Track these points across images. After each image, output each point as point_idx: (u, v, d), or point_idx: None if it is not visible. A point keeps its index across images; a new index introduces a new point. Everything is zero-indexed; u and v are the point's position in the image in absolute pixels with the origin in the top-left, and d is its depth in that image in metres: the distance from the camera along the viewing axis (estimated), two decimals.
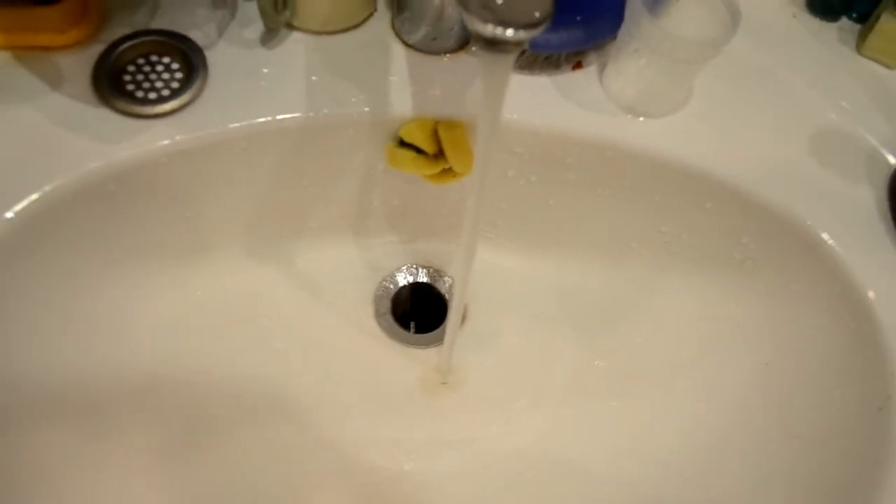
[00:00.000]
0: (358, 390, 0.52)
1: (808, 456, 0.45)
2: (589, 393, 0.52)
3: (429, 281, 0.56)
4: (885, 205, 0.46)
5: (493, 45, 0.34)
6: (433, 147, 0.47)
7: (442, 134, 0.46)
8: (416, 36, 0.47)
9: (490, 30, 0.33)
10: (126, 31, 0.45)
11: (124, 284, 0.47)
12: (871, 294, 0.44)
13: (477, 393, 0.52)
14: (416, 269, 0.56)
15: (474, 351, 0.53)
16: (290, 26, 0.47)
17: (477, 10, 0.32)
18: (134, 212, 0.45)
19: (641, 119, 0.48)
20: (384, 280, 0.55)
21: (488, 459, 0.50)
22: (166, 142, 0.43)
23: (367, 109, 0.46)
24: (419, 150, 0.47)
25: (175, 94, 0.44)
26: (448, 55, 0.48)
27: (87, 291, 0.45)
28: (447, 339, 0.50)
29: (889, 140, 0.49)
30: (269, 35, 0.47)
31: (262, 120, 0.45)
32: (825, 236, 0.46)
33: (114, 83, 0.44)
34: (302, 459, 0.49)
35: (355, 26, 0.48)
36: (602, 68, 0.49)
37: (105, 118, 0.43)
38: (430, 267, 0.56)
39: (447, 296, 0.55)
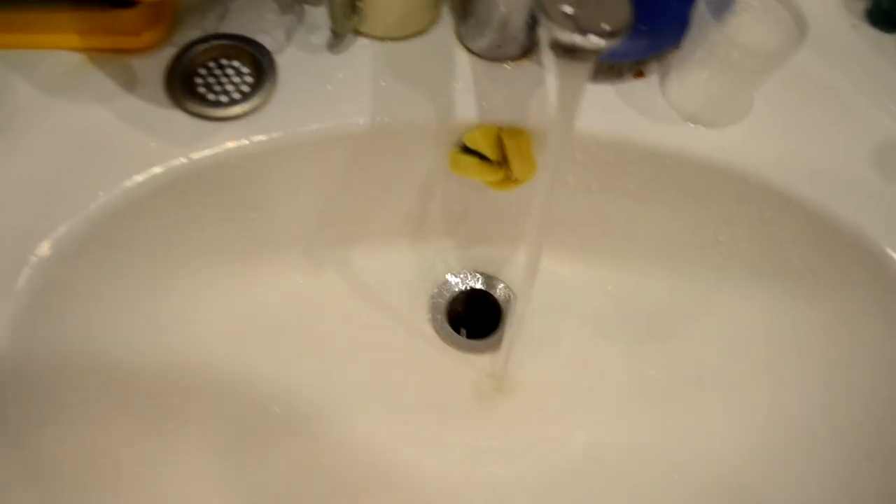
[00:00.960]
0: (412, 394, 0.52)
1: (870, 470, 0.45)
2: (642, 403, 0.52)
3: (484, 287, 0.56)
4: None
5: (572, 52, 0.34)
6: (496, 154, 0.47)
7: (506, 141, 0.46)
8: (481, 43, 0.48)
9: (570, 37, 0.33)
10: (197, 34, 0.46)
11: (191, 283, 0.48)
12: None
13: (531, 400, 0.52)
14: (472, 274, 0.56)
15: (529, 358, 0.53)
16: (357, 32, 0.48)
17: (558, 17, 0.33)
18: (203, 212, 0.45)
19: (703, 128, 0.48)
20: (440, 285, 0.55)
21: (542, 468, 0.50)
22: (237, 144, 0.44)
23: (432, 115, 0.46)
24: (482, 157, 0.47)
25: (245, 97, 0.44)
26: (511, 63, 0.48)
27: (157, 288, 0.46)
28: (504, 345, 0.50)
29: None
30: (337, 41, 0.47)
31: (330, 125, 0.45)
32: (889, 251, 0.46)
33: (186, 85, 0.44)
34: (355, 462, 0.50)
35: (420, 33, 0.48)
36: (663, 77, 0.49)
37: (177, 120, 0.44)
38: (486, 273, 0.56)
39: (501, 302, 0.56)
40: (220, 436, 0.47)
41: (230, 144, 0.44)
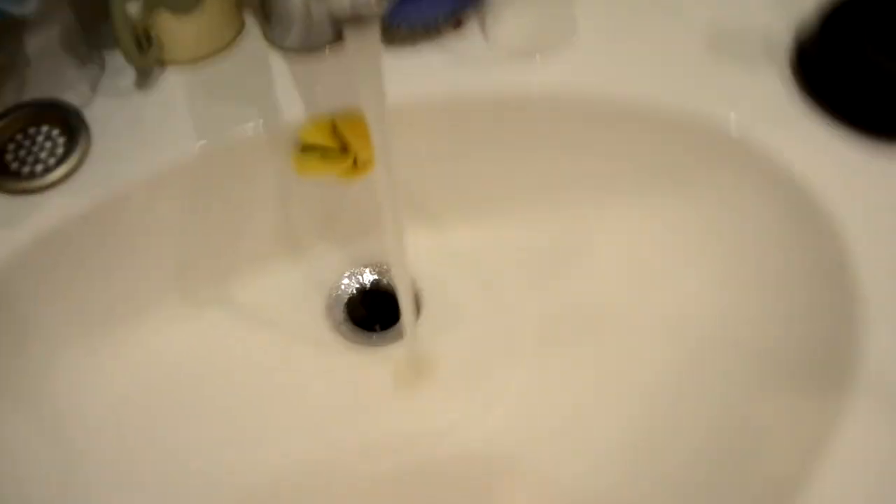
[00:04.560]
0: (336, 403, 0.51)
1: (779, 338, 0.45)
2: (560, 343, 0.52)
3: (377, 278, 0.55)
4: (791, 80, 0.46)
5: (356, 20, 0.33)
6: (336, 142, 0.46)
7: (340, 125, 0.45)
8: (290, 39, 0.46)
9: (344, 3, 0.32)
10: None
11: (66, 362, 0.46)
12: (796, 163, 0.44)
13: (452, 375, 0.51)
14: (360, 271, 0.55)
15: (439, 335, 0.52)
16: (161, 62, 0.46)
17: None
18: (56, 284, 0.44)
19: (534, 61, 0.47)
20: (331, 290, 0.54)
21: (482, 433, 0.49)
22: (66, 210, 0.42)
23: (260, 124, 0.45)
24: (324, 151, 0.46)
25: (62, 160, 0.43)
26: (328, 48, 0.47)
27: (31, 375, 0.44)
28: (407, 330, 0.49)
29: (779, 21, 0.49)
30: (142, 77, 0.45)
31: (158, 163, 0.44)
32: (733, 120, 0.45)
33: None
34: (296, 484, 0.48)
35: (227, 46, 0.47)
36: (482, 23, 0.48)
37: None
38: (373, 265, 0.55)
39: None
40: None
41: (59, 212, 0.42)
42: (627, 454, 0.47)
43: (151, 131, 0.44)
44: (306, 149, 0.46)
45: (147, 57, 0.44)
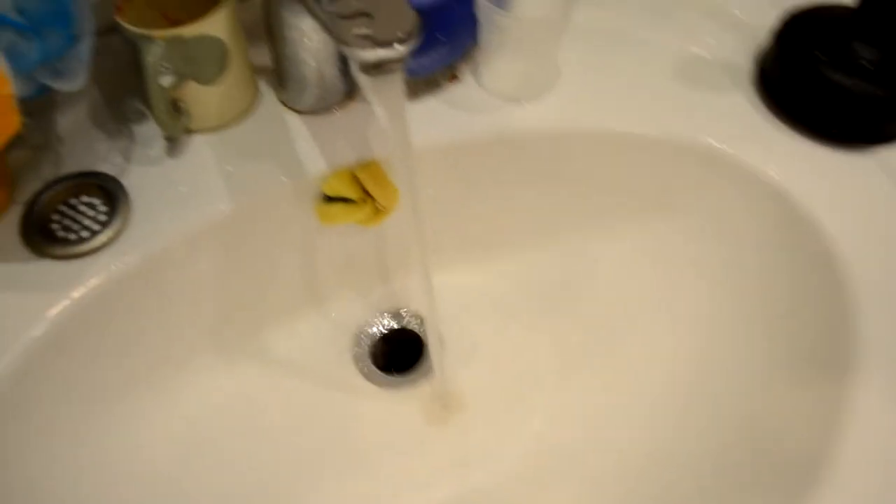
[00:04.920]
0: (370, 447, 0.53)
1: (783, 333, 0.49)
2: (581, 365, 0.55)
3: (397, 323, 0.58)
4: (757, 100, 0.52)
5: (380, 68, 0.37)
6: (357, 192, 0.50)
7: (360, 176, 0.49)
8: (305, 101, 0.51)
9: (374, 54, 0.36)
10: (39, 185, 0.47)
11: (107, 425, 0.48)
12: (772, 173, 0.49)
13: (480, 406, 0.54)
14: (382, 315, 0.58)
15: (462, 370, 0.55)
16: (189, 131, 0.50)
17: (356, 42, 0.36)
18: (102, 344, 0.46)
19: (525, 105, 0.52)
20: (356, 337, 0.57)
21: (520, 458, 0.52)
22: (114, 269, 0.44)
23: (285, 180, 0.49)
24: (346, 200, 0.50)
25: (105, 225, 0.46)
26: (337, 109, 0.51)
27: (71, 435, 0.46)
28: (435, 367, 0.52)
29: (740, 48, 0.55)
30: (173, 145, 0.49)
31: (195, 222, 0.47)
32: (712, 141, 0.51)
33: (44, 235, 0.45)
34: None
35: (246, 111, 0.51)
36: (475, 73, 0.53)
37: (46, 269, 0.44)
38: (394, 310, 0.58)
39: (419, 331, 0.58)
40: None
41: (105, 273, 0.44)
42: (655, 462, 0.50)
43: (186, 193, 0.47)
44: (328, 200, 0.50)
45: (178, 125, 0.48)
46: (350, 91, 0.51)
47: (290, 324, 0.55)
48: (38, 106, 0.50)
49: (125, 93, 0.51)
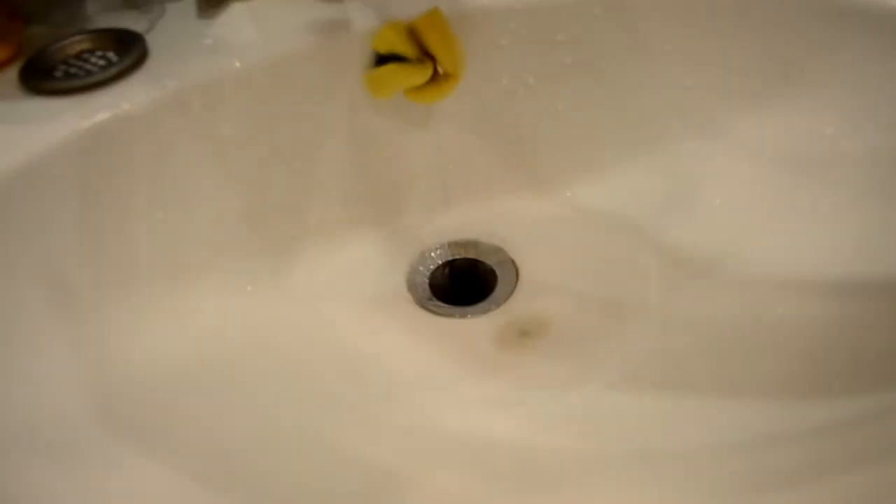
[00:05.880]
0: (440, 380, 0.40)
1: None
2: (687, 287, 0.42)
3: (464, 253, 0.47)
4: None
5: None
6: (414, 49, 0.41)
7: (419, 27, 0.41)
8: None
9: None
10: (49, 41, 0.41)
11: (102, 314, 0.38)
12: None
13: (569, 330, 0.42)
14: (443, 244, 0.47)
15: (540, 299, 0.43)
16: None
17: None
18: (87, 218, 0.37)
19: None
20: (416, 264, 0.46)
21: (612, 377, 0.39)
22: (109, 110, 0.37)
23: (327, 34, 0.41)
24: (400, 60, 0.41)
25: (113, 65, 0.39)
26: None
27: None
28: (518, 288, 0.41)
29: None
30: (205, 8, 0.43)
31: (215, 69, 0.39)
32: None
33: (44, 77, 0.38)
34: (406, 449, 0.37)
35: None
36: None
37: (40, 105, 0.37)
38: (462, 238, 0.47)
39: (491, 264, 0.46)
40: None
41: (104, 111, 0.37)
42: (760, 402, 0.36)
43: (211, 46, 0.40)
44: (380, 62, 0.42)
45: None
46: None
47: (333, 240, 0.45)
48: None
49: None
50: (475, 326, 0.43)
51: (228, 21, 0.42)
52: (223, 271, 0.42)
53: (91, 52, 0.40)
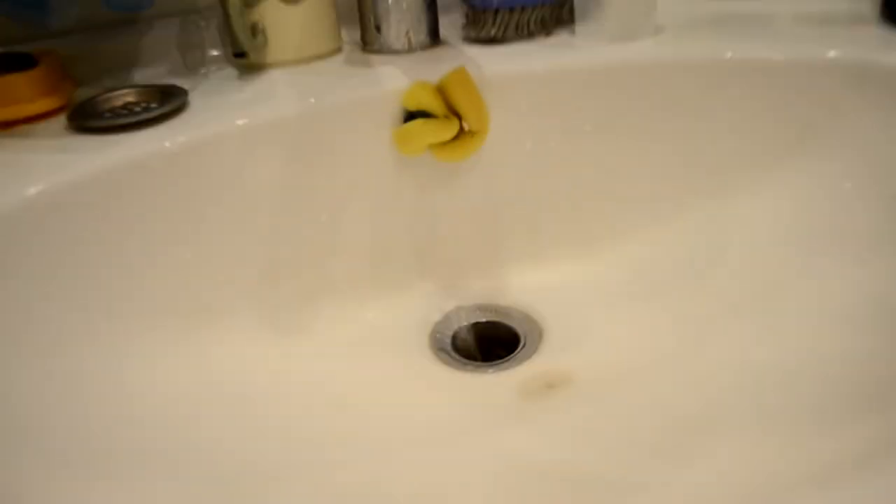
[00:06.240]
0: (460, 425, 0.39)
1: None
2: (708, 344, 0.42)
3: (489, 316, 0.47)
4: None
5: None
6: (441, 106, 0.43)
7: (447, 86, 0.43)
8: (389, 44, 0.48)
9: None
10: (98, 91, 0.43)
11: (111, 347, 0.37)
12: None
13: (589, 378, 0.41)
14: (470, 307, 0.47)
15: (565, 356, 0.43)
16: (265, 65, 0.46)
17: None
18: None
19: (635, 43, 0.47)
20: (438, 326, 0.46)
21: (633, 429, 0.37)
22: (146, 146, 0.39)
23: (364, 93, 0.43)
24: (428, 117, 0.43)
25: (155, 110, 0.41)
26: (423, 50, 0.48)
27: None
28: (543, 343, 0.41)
29: None
30: (244, 63, 0.46)
31: (251, 119, 0.41)
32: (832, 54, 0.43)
33: (92, 118, 0.40)
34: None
35: (328, 54, 0.48)
36: (570, 32, 0.49)
37: (85, 141, 0.39)
38: (486, 302, 0.47)
39: (514, 326, 0.46)
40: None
41: (142, 147, 0.38)
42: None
43: (248, 99, 0.43)
44: (409, 119, 0.44)
45: (256, 44, 0.45)
46: (435, 32, 0.48)
47: (356, 297, 0.45)
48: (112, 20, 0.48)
49: (198, 15, 0.49)
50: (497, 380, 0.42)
51: (267, 82, 0.45)
52: (244, 317, 0.42)
53: (136, 103, 0.43)
